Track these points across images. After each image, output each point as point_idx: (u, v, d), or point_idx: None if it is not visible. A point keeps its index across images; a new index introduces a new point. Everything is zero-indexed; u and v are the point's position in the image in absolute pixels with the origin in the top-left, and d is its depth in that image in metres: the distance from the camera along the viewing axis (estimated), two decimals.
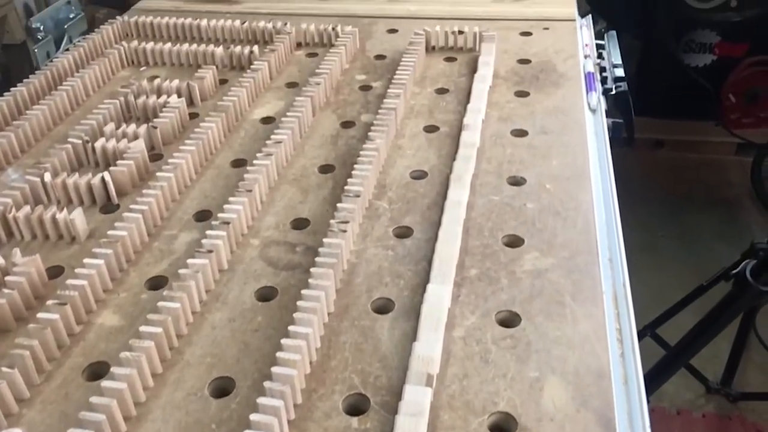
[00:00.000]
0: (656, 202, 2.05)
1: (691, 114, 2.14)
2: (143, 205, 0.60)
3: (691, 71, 2.06)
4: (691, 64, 2.08)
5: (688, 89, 2.08)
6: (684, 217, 2.03)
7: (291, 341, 0.46)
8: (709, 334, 1.14)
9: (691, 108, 2.12)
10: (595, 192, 0.63)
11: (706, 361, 1.54)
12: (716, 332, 1.14)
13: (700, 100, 2.08)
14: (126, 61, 0.91)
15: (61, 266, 0.58)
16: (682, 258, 1.88)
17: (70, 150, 0.69)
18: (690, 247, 1.92)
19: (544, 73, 0.82)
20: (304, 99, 0.75)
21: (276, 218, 0.62)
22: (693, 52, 2.09)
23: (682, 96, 2.09)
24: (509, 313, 0.51)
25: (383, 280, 0.54)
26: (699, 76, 2.06)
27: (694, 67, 2.08)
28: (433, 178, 0.66)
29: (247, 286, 0.55)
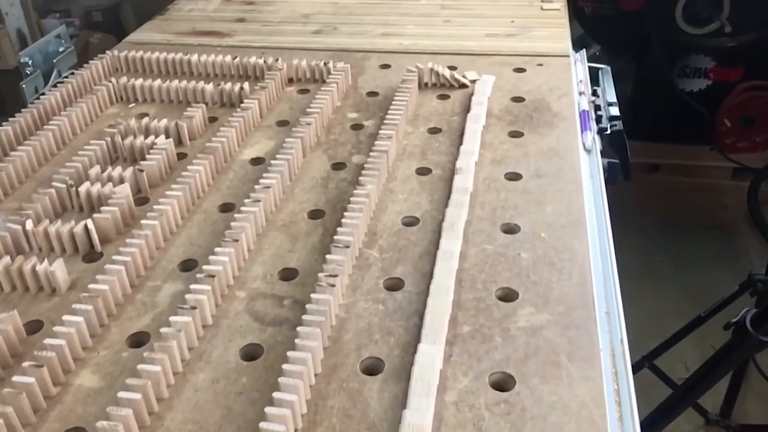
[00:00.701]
0: (651, 226, 2.04)
1: (687, 138, 2.14)
2: (126, 255, 0.58)
3: (686, 96, 2.07)
4: (685, 89, 2.08)
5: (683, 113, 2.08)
6: (680, 242, 2.01)
7: (275, 410, 0.44)
8: (709, 381, 1.12)
9: (686, 132, 2.12)
10: (591, 240, 0.62)
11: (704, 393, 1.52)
12: (716, 380, 1.12)
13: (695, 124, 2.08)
14: (115, 97, 0.90)
15: (41, 320, 0.56)
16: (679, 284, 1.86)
17: (53, 195, 0.67)
18: (686, 274, 1.90)
19: (538, 112, 0.81)
20: (294, 140, 0.74)
21: (263, 268, 0.60)
22: (688, 77, 2.09)
23: (677, 120, 2.09)
24: (503, 374, 0.49)
25: (373, 337, 0.53)
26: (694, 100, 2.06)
27: (688, 91, 2.08)
28: (425, 225, 0.64)
29: (231, 344, 0.53)
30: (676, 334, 1.47)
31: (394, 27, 1.08)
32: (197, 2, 1.24)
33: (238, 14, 1.17)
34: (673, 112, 2.08)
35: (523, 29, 1.03)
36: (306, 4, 1.20)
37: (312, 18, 1.14)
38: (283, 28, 1.10)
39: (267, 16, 1.16)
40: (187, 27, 1.12)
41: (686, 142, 2.15)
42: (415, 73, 0.86)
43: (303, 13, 1.16)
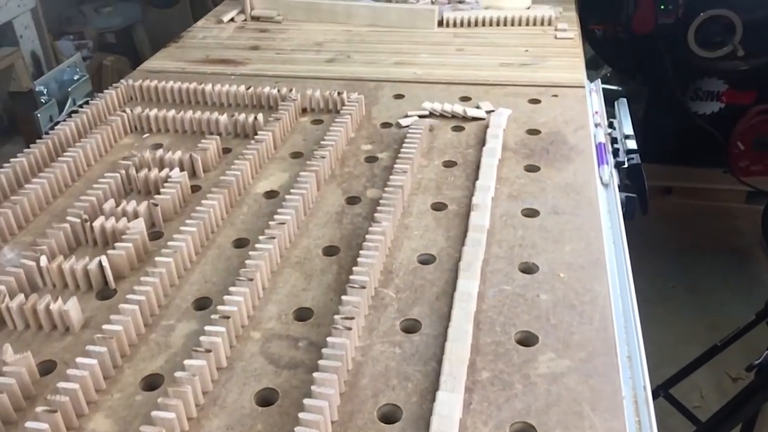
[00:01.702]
0: (665, 250, 2.02)
1: (699, 161, 2.13)
2: (141, 294, 0.58)
3: (699, 119, 2.06)
4: (698, 111, 2.07)
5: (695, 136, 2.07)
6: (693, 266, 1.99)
7: None
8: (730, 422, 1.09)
9: (699, 155, 2.11)
10: (611, 280, 0.61)
11: None
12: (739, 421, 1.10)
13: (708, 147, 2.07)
14: (129, 127, 0.90)
15: (54, 361, 0.55)
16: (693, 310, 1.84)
17: (68, 229, 0.67)
18: (701, 299, 1.88)
19: (554, 146, 0.80)
20: (309, 174, 0.73)
21: (278, 307, 0.60)
22: (700, 99, 2.09)
23: (690, 143, 2.08)
24: (524, 425, 0.48)
25: (390, 382, 0.52)
26: (707, 123, 2.05)
27: (701, 114, 2.07)
28: (442, 263, 0.64)
29: (246, 387, 0.52)
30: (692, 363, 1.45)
31: (407, 56, 1.08)
32: (211, 30, 1.24)
33: (252, 41, 1.18)
34: (686, 134, 2.07)
35: (537, 58, 1.03)
36: (319, 32, 1.20)
37: (325, 46, 1.14)
38: (297, 56, 1.11)
39: (280, 43, 1.16)
40: (200, 55, 1.13)
41: (699, 165, 2.14)
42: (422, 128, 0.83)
43: (316, 41, 1.16)
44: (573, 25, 1.15)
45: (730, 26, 1.88)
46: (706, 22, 1.91)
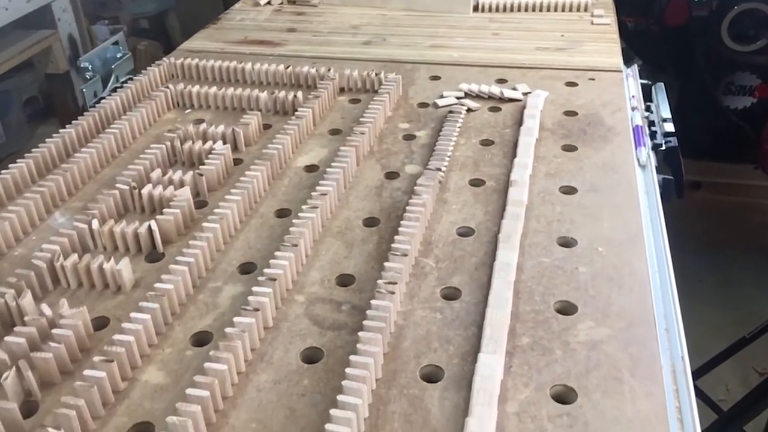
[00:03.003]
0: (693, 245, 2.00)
1: (730, 156, 2.10)
2: (189, 257, 0.60)
3: (731, 113, 2.03)
4: (730, 106, 2.05)
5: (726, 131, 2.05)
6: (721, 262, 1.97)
7: (340, 412, 0.44)
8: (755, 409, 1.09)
9: (730, 150, 2.08)
10: (649, 257, 0.61)
11: None
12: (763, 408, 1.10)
13: (739, 142, 2.05)
14: (171, 103, 0.92)
15: (107, 317, 0.58)
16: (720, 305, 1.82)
17: (117, 196, 0.70)
18: (728, 295, 1.86)
19: (591, 127, 0.81)
20: (349, 149, 0.75)
21: (321, 273, 0.61)
22: (733, 94, 2.06)
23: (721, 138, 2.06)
24: (564, 387, 0.49)
25: (432, 345, 0.53)
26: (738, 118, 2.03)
27: (733, 109, 2.05)
28: (481, 235, 0.65)
29: (292, 346, 0.54)
30: (718, 355, 1.44)
31: (443, 39, 1.09)
32: (248, 12, 1.26)
33: (289, 24, 1.19)
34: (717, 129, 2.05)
35: (574, 43, 1.03)
36: (354, 16, 1.21)
37: (361, 29, 1.15)
38: (333, 38, 1.12)
39: (317, 26, 1.18)
40: (239, 36, 1.15)
41: (729, 161, 2.11)
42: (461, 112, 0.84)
43: (352, 24, 1.18)
44: (609, 11, 1.15)
45: (764, 20, 1.85)
46: (739, 16, 1.89)
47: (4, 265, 0.64)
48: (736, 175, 2.14)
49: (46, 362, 0.50)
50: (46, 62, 1.96)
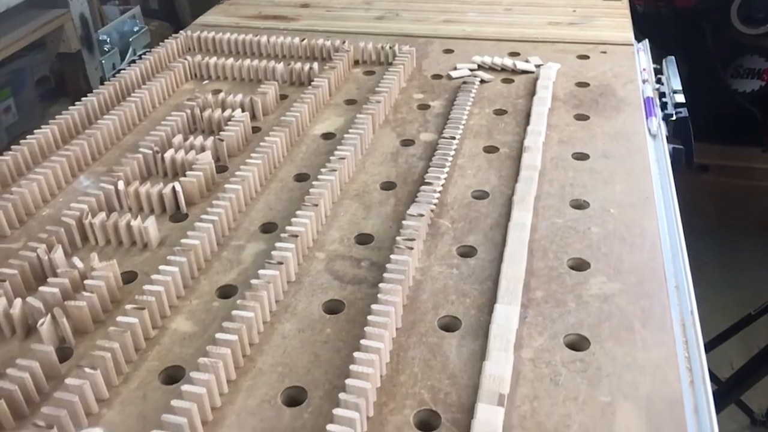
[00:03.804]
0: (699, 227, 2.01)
1: (738, 139, 2.11)
2: (213, 215, 0.62)
3: (739, 96, 2.04)
4: (738, 89, 2.05)
5: (734, 114, 2.05)
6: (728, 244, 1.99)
7: (363, 355, 0.46)
8: (760, 372, 1.11)
9: (738, 133, 2.09)
10: (660, 218, 0.63)
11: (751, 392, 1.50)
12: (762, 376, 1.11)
13: (746, 125, 2.05)
14: (189, 74, 0.94)
15: (135, 272, 0.60)
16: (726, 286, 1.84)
17: (140, 159, 0.71)
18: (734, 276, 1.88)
19: (603, 97, 0.82)
20: (365, 116, 0.77)
21: (340, 233, 0.63)
22: (741, 77, 2.07)
23: (729, 121, 2.06)
24: (578, 336, 0.51)
25: (449, 298, 0.55)
26: (746, 101, 2.03)
27: (741, 92, 2.05)
28: (495, 198, 0.66)
29: (314, 299, 0.56)
30: (723, 333, 1.46)
31: (456, 14, 1.10)
32: None
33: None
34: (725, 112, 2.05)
35: (585, 18, 1.04)
36: None
37: (374, 5, 1.16)
38: (346, 13, 1.13)
39: (330, 1, 1.19)
40: (253, 11, 1.16)
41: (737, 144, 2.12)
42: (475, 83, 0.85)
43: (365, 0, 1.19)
44: None
45: None
46: None
47: (32, 224, 0.66)
48: (744, 158, 2.14)
49: (80, 310, 0.53)
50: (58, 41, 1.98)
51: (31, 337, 0.53)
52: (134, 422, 0.46)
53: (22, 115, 1.89)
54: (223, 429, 0.45)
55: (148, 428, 0.44)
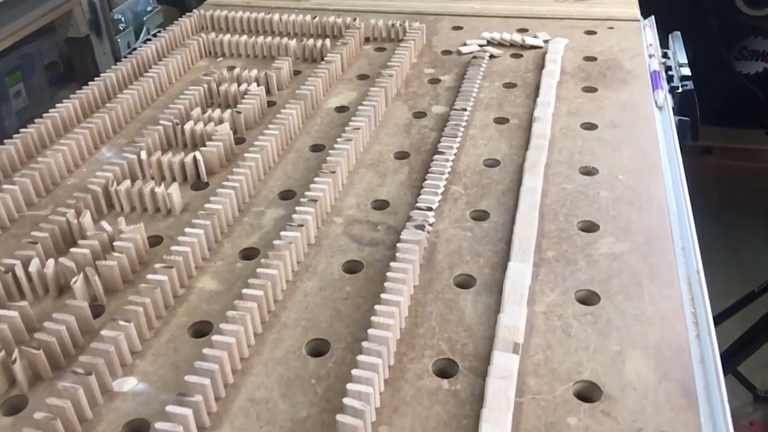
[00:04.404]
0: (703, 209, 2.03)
1: (741, 122, 2.12)
2: (234, 182, 0.64)
3: (743, 78, 2.05)
4: (742, 71, 2.06)
5: (738, 96, 2.06)
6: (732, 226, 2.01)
7: (384, 307, 0.49)
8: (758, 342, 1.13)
9: (741, 116, 2.10)
10: (667, 184, 0.65)
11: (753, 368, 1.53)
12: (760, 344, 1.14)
13: (750, 107, 2.06)
14: (204, 52, 0.96)
15: (160, 236, 0.62)
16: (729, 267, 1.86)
17: (161, 131, 0.74)
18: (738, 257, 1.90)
19: (611, 71, 0.84)
20: (378, 89, 0.78)
21: (357, 199, 0.65)
22: (745, 59, 2.07)
23: (732, 103, 2.07)
24: (588, 292, 0.53)
25: (463, 258, 0.57)
26: (750, 83, 2.04)
27: (745, 74, 2.06)
28: (506, 166, 0.68)
29: (334, 260, 0.58)
30: (727, 310, 1.48)
31: None
32: None
33: None
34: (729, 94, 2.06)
35: None
36: None
37: None
38: None
39: None
40: None
41: (741, 126, 2.13)
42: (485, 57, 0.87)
43: None
44: None
45: None
46: None
47: (58, 193, 0.69)
48: (747, 140, 2.16)
49: (110, 270, 0.55)
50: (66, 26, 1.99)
51: (64, 296, 0.56)
52: (167, 372, 0.48)
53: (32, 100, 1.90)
54: (252, 377, 0.48)
55: (180, 377, 0.47)
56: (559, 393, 0.45)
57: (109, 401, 0.46)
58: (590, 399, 0.45)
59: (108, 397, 0.47)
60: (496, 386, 0.44)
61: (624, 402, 0.44)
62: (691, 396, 0.44)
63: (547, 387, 0.45)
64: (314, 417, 0.44)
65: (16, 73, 1.87)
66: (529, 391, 0.45)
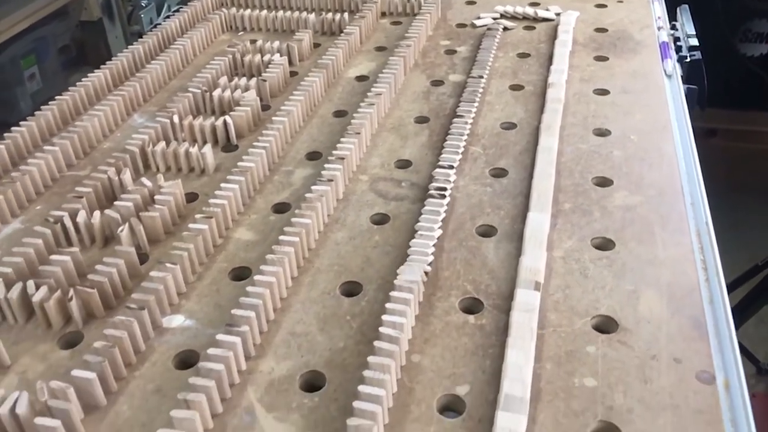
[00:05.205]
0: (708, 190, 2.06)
1: (746, 104, 2.14)
2: (264, 143, 0.67)
3: (747, 61, 2.07)
4: (746, 53, 2.08)
5: (742, 79, 2.08)
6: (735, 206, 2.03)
7: (414, 247, 0.52)
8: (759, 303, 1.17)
9: (746, 98, 2.12)
10: (676, 145, 0.68)
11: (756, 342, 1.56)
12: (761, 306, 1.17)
13: (755, 90, 2.08)
14: (225, 26, 0.99)
15: (196, 193, 0.65)
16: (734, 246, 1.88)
17: (190, 98, 0.77)
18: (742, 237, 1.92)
19: (621, 41, 0.87)
20: (397, 58, 0.82)
21: (380, 159, 0.69)
22: (749, 41, 2.09)
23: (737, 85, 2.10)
24: (603, 239, 0.56)
25: (484, 210, 0.60)
26: (755, 65, 2.06)
27: (750, 56, 2.08)
28: (523, 129, 0.72)
29: (361, 213, 0.61)
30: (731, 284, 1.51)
31: None
32: None
33: None
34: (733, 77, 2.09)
35: None
36: None
37: None
38: None
39: None
40: None
41: (745, 108, 2.15)
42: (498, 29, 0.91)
43: None
44: None
45: None
46: None
47: (95, 155, 0.72)
48: (752, 122, 2.18)
49: (153, 220, 0.58)
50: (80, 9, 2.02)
51: (109, 247, 0.59)
52: (211, 310, 0.52)
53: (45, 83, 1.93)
54: (291, 314, 0.51)
55: (224, 315, 0.50)
56: (578, 326, 0.48)
57: (160, 335, 0.50)
58: (607, 331, 0.48)
59: (158, 332, 0.50)
60: (520, 318, 0.47)
61: (639, 333, 0.47)
62: (702, 328, 0.47)
63: (566, 321, 0.49)
64: (351, 348, 0.48)
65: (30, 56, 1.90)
66: (549, 325, 0.49)
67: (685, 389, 0.43)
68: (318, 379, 0.46)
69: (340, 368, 0.46)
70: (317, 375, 0.46)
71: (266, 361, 0.47)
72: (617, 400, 0.43)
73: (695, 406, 0.42)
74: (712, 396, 0.43)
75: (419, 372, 0.46)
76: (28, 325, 0.51)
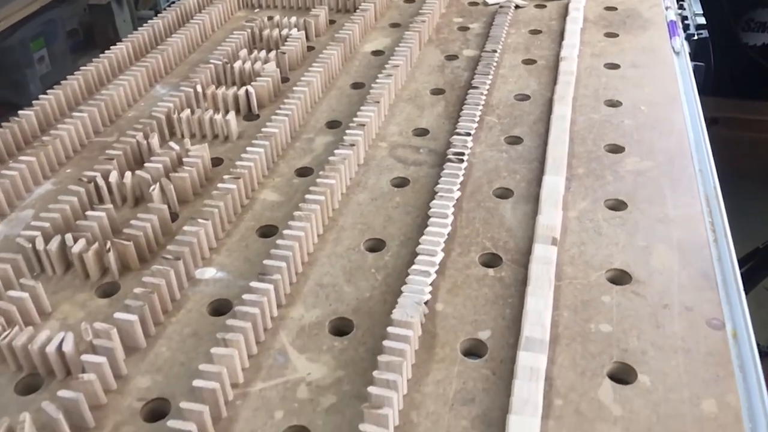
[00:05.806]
0: None
1: (748, 93, 2.16)
2: (286, 110, 0.69)
3: (750, 50, 2.09)
4: (749, 43, 2.10)
5: (745, 68, 2.10)
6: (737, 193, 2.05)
7: (435, 209, 0.54)
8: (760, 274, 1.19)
9: (748, 87, 2.14)
10: (685, 117, 0.70)
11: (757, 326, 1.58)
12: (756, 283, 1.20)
13: (757, 79, 2.10)
14: (241, 3, 1.01)
15: (221, 158, 0.68)
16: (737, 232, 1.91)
17: (212, 69, 0.79)
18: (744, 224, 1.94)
19: (630, 19, 0.89)
20: (412, 33, 0.84)
21: (399, 128, 0.71)
22: (752, 31, 2.11)
23: (739, 74, 2.11)
24: (616, 201, 0.58)
25: (501, 174, 0.63)
26: (757, 55, 2.08)
27: (752, 45, 2.10)
28: (536, 100, 0.74)
29: (382, 176, 0.64)
30: None
31: None
32: None
33: None
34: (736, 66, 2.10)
35: None
36: None
37: None
38: None
39: None
40: None
41: (747, 97, 2.17)
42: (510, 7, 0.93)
43: None
44: None
45: None
46: None
47: (121, 123, 0.74)
48: (754, 111, 2.20)
49: (182, 181, 0.60)
50: None
51: (140, 207, 0.61)
52: (241, 263, 0.54)
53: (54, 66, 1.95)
54: (318, 267, 0.53)
55: (253, 268, 0.53)
56: (593, 278, 0.51)
57: (194, 286, 0.52)
58: (621, 283, 0.50)
59: (192, 282, 0.52)
60: (538, 270, 0.50)
61: (652, 284, 0.50)
62: (711, 280, 0.50)
63: (582, 274, 0.51)
64: (376, 297, 0.50)
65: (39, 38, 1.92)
66: (566, 277, 0.51)
67: (696, 334, 0.46)
68: (346, 325, 0.48)
69: (367, 315, 0.49)
70: (345, 321, 0.49)
71: (296, 308, 0.50)
72: (632, 343, 0.45)
73: (706, 349, 0.45)
74: (722, 341, 0.45)
75: (443, 319, 0.48)
76: (66, 277, 0.54)
